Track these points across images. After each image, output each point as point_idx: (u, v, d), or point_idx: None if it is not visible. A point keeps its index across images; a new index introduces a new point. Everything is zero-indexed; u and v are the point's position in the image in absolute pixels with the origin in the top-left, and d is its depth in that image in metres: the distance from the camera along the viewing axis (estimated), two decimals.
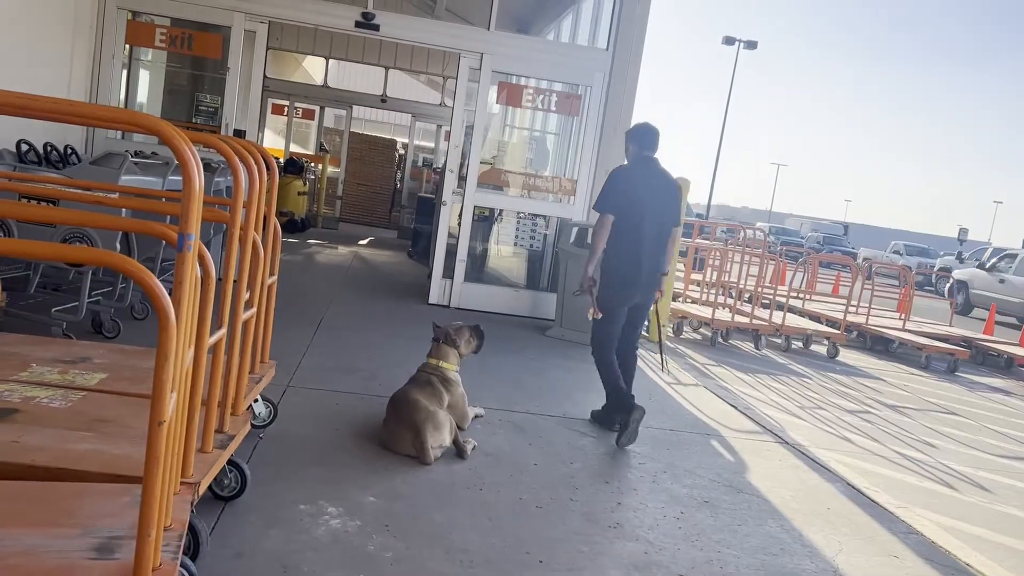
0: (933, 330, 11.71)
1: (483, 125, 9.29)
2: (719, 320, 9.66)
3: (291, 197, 14.68)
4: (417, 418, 4.22)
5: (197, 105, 9.62)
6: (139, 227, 2.40)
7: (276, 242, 4.00)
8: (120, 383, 3.52)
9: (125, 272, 1.78)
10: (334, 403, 5.00)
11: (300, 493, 3.58)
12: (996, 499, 5.07)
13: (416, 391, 4.39)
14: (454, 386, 4.61)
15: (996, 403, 8.49)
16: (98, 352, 4.01)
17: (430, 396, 4.40)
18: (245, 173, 3.06)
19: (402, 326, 7.71)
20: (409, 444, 4.20)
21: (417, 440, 4.17)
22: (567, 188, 9.35)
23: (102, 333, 5.67)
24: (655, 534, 3.71)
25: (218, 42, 8.63)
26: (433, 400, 4.39)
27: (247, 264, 3.23)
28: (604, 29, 9.25)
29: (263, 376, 4.00)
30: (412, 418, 4.22)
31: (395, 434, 4.27)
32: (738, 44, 39.93)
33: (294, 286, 8.67)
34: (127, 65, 9.17)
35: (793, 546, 3.81)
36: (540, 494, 4.00)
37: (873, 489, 4.82)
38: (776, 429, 5.91)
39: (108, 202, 3.90)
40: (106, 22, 8.29)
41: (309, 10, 8.87)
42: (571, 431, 5.13)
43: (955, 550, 4.05)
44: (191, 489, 2.63)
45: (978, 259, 26.75)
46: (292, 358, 5.72)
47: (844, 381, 8.43)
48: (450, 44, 9.41)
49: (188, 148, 1.93)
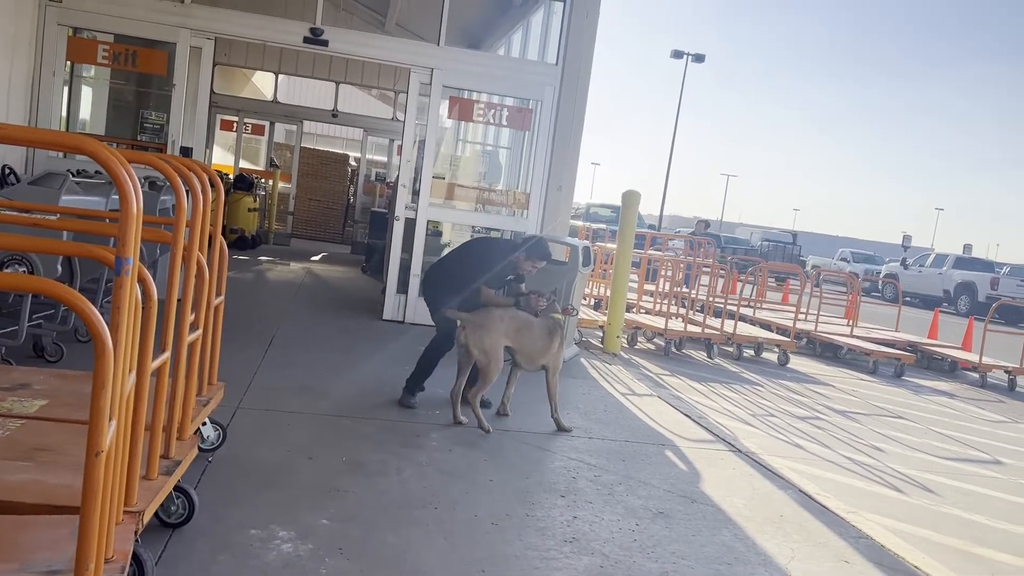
0: (880, 336, 11.99)
1: (435, 140, 9.29)
2: (672, 330, 9.76)
3: (241, 214, 14.47)
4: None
5: (142, 122, 9.46)
6: (77, 251, 2.35)
7: (223, 262, 3.93)
8: (61, 409, 3.42)
9: (58, 299, 1.73)
10: (285, 423, 4.92)
11: (251, 517, 3.51)
12: (942, 501, 5.20)
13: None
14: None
15: (941, 406, 8.71)
16: (38, 378, 3.89)
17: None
18: (188, 193, 3.01)
19: (355, 342, 7.64)
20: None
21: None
22: (520, 201, 9.38)
23: (44, 357, 5.50)
24: (611, 547, 3.71)
25: (163, 59, 8.49)
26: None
27: (191, 285, 3.17)
28: (554, 44, 9.33)
29: (211, 398, 3.93)
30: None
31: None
32: (686, 57, 40.60)
33: (245, 305, 8.54)
34: (68, 82, 8.97)
35: (747, 555, 3.85)
36: (495, 510, 3.98)
37: (824, 495, 4.90)
38: (729, 438, 5.98)
39: (48, 224, 3.80)
40: (46, 39, 8.09)
41: (256, 26, 8.79)
42: (527, 445, 5.13)
43: (903, 553, 4.13)
44: (135, 518, 2.57)
45: (921, 264, 27.61)
46: (242, 378, 5.62)
47: (795, 388, 8.57)
48: (400, 59, 9.40)
49: (124, 170, 1.89)
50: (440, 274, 5.89)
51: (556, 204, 9.16)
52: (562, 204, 9.21)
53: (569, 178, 9.24)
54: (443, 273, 5.87)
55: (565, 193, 9.24)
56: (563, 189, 9.18)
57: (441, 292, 5.72)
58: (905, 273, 27.36)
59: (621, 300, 9.04)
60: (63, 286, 1.73)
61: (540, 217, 9.11)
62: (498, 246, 6.26)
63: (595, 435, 5.60)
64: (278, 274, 12.44)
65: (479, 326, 5.31)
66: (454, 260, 6.00)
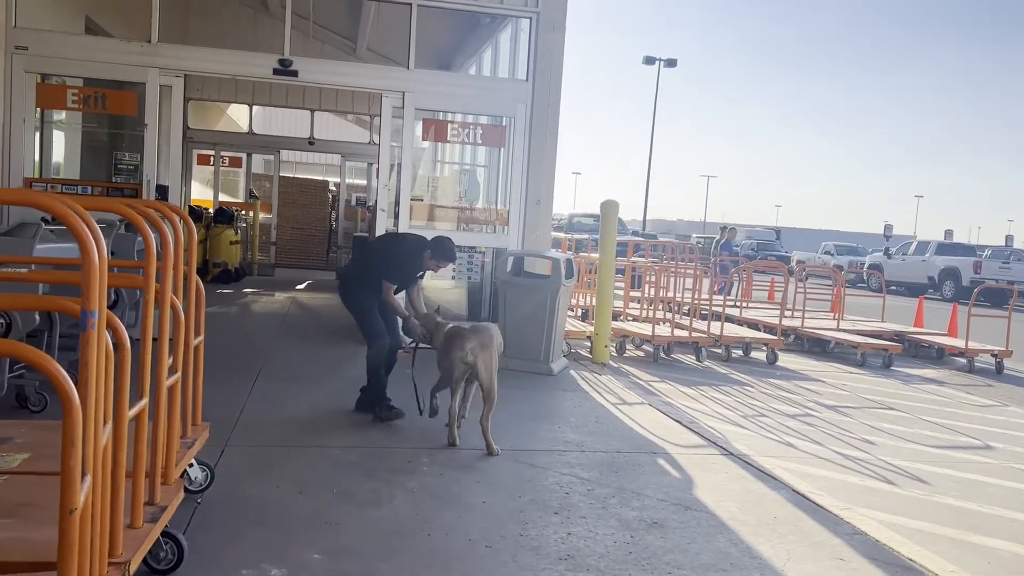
0: (867, 327, 12.05)
1: (411, 162, 9.31)
2: (659, 336, 9.78)
3: (223, 247, 14.44)
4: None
5: (116, 163, 9.43)
6: (48, 304, 2.36)
7: (200, 301, 3.92)
8: (43, 462, 3.39)
9: (22, 359, 1.72)
10: (274, 458, 4.89)
11: (242, 557, 3.48)
12: (935, 491, 5.21)
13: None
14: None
15: (931, 394, 8.75)
16: (20, 431, 3.86)
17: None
18: (158, 236, 3.00)
19: (342, 370, 7.60)
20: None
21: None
22: (500, 218, 9.41)
23: (28, 408, 5.46)
24: (606, 562, 3.70)
25: (133, 99, 8.48)
26: None
27: (166, 328, 3.16)
28: (523, 60, 9.38)
29: (196, 439, 3.91)
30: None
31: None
32: (658, 63, 40.91)
33: (229, 339, 8.50)
34: (39, 128, 8.94)
35: (743, 560, 3.85)
36: (489, 533, 3.97)
37: (817, 493, 4.90)
38: (721, 441, 5.98)
39: (22, 277, 3.78)
40: (14, 87, 8.07)
41: (224, 61, 8.81)
42: (519, 463, 5.12)
43: (898, 546, 4.14)
44: (121, 569, 2.55)
45: (904, 253, 27.80)
46: (228, 415, 5.58)
47: (784, 386, 8.60)
48: (371, 85, 9.44)
49: (83, 223, 1.89)
50: (354, 276, 6.25)
51: (535, 218, 9.19)
52: (541, 218, 9.24)
53: (547, 192, 9.28)
54: (357, 273, 6.19)
55: (544, 207, 9.27)
56: (541, 203, 9.21)
57: (359, 293, 6.01)
58: (889, 262, 27.55)
59: (607, 309, 9.05)
60: (26, 346, 1.72)
61: (520, 232, 9.13)
62: (405, 242, 6.36)
63: (587, 448, 5.59)
64: (263, 305, 12.40)
65: (485, 346, 5.28)
66: (366, 257, 6.30)
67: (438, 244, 6.01)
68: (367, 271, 6.04)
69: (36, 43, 8.13)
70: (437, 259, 5.99)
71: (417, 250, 6.03)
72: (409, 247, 6.12)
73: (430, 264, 6.02)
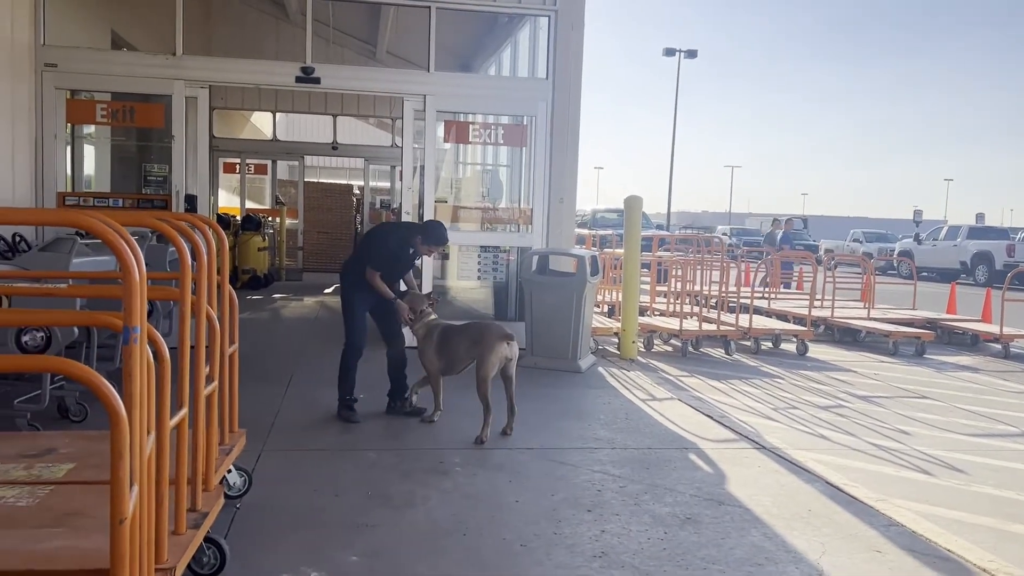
0: (898, 315, 11.92)
1: (433, 164, 9.36)
2: (687, 330, 9.75)
3: (252, 254, 14.63)
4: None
5: (145, 175, 9.59)
6: (90, 320, 2.41)
7: (233, 310, 3.99)
8: (88, 471, 3.48)
9: (69, 376, 1.78)
10: (310, 462, 4.97)
11: (281, 561, 3.55)
12: (972, 480, 5.16)
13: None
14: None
15: (965, 382, 8.64)
16: (64, 441, 3.96)
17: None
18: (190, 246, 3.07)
19: (372, 372, 7.67)
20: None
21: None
22: (524, 217, 9.43)
23: (69, 418, 5.58)
24: (640, 559, 3.72)
25: (160, 111, 8.62)
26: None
27: (202, 339, 3.22)
28: (543, 59, 9.39)
29: (234, 446, 3.98)
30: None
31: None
32: (679, 54, 40.68)
33: (262, 345, 8.62)
34: (70, 142, 9.12)
35: (778, 554, 3.85)
36: (523, 532, 4.00)
37: (852, 485, 4.88)
38: (752, 435, 5.97)
39: (59, 292, 3.87)
40: (44, 104, 8.24)
41: (248, 70, 8.91)
42: (549, 462, 5.15)
43: (936, 537, 4.11)
44: (167, 575, 2.61)
45: (935, 238, 27.39)
46: (264, 421, 5.68)
47: (815, 377, 8.54)
48: (392, 89, 9.50)
49: (123, 241, 1.94)
50: (349, 269, 6.17)
51: (559, 216, 9.21)
52: (565, 215, 9.25)
53: (570, 189, 9.29)
54: (353, 266, 6.12)
55: (567, 204, 9.29)
56: (564, 201, 9.23)
57: (348, 288, 6.09)
58: (919, 248, 27.15)
59: (633, 305, 9.05)
60: (73, 363, 1.78)
61: (544, 230, 9.16)
62: (396, 231, 6.45)
63: (618, 445, 5.61)
64: (292, 310, 12.54)
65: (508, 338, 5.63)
66: (361, 251, 6.24)
67: (428, 228, 6.09)
68: (360, 262, 6.08)
69: (65, 60, 8.30)
70: (428, 243, 6.04)
71: (406, 235, 6.11)
72: (395, 233, 6.24)
73: (422, 249, 6.08)
